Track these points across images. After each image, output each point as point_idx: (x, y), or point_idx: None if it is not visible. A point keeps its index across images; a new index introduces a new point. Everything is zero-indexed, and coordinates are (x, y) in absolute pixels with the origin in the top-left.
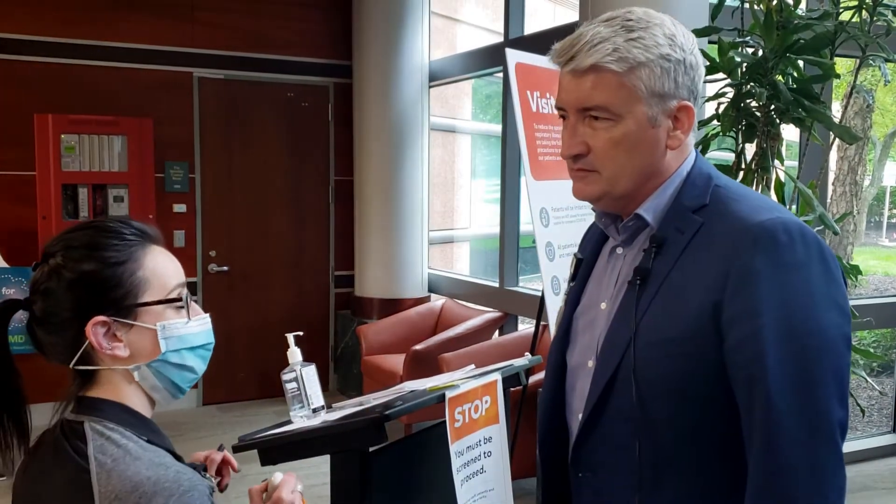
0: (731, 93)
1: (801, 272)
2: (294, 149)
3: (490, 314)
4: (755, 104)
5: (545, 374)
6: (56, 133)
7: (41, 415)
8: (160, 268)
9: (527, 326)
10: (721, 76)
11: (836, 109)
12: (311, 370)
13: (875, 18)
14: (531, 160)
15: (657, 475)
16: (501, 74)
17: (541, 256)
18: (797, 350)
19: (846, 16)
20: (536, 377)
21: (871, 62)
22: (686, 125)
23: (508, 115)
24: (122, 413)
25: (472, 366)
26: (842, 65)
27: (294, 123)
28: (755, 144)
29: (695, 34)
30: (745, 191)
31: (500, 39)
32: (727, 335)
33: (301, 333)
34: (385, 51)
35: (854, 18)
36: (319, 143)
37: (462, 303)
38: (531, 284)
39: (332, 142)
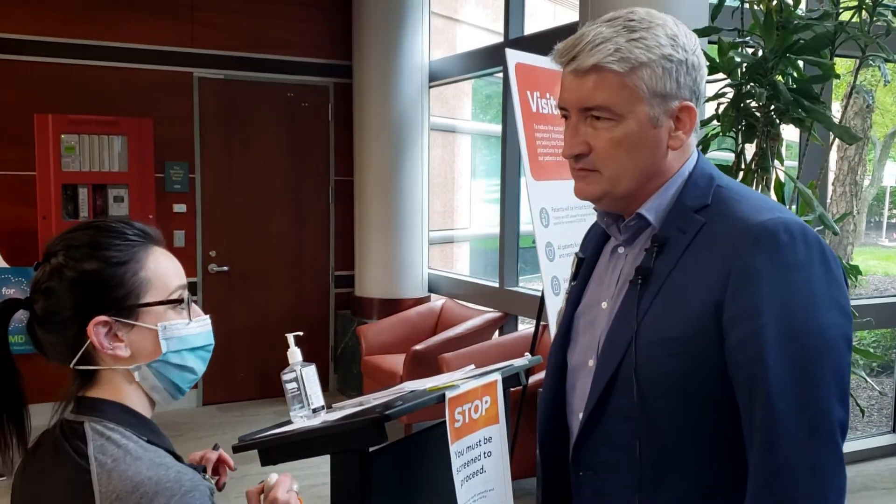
0: (731, 93)
1: (803, 272)
2: (294, 149)
3: (490, 314)
4: (755, 104)
5: (545, 374)
6: (56, 133)
7: (41, 415)
8: (162, 268)
9: (527, 327)
10: (721, 76)
11: (836, 110)
12: (311, 370)
13: (875, 19)
14: (531, 160)
15: (658, 475)
16: (501, 74)
17: (541, 257)
18: (798, 350)
19: (846, 16)
20: (536, 377)
21: (871, 62)
22: (688, 125)
23: (508, 116)
24: (123, 413)
25: (472, 366)
26: (841, 65)
27: (294, 123)
28: (755, 144)
29: (695, 34)
30: (747, 191)
31: (500, 39)
32: (728, 335)
33: (301, 333)
34: (385, 51)
35: (854, 19)
36: (319, 143)
37: (462, 303)
38: (531, 284)
39: (332, 142)
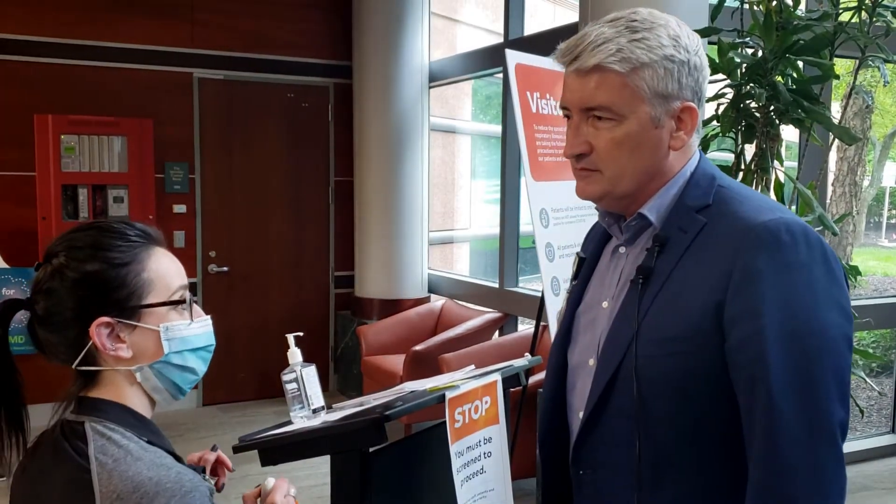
0: (731, 93)
1: (804, 272)
2: (294, 149)
3: (490, 315)
4: (755, 105)
5: (546, 373)
6: (56, 133)
7: (41, 415)
8: (163, 269)
9: (527, 327)
10: (721, 77)
11: (836, 110)
12: (312, 371)
13: (874, 19)
14: (531, 161)
15: (657, 474)
16: (501, 75)
17: (540, 257)
18: (798, 350)
19: (845, 17)
20: (536, 377)
21: (871, 63)
22: (689, 126)
23: (508, 116)
24: (123, 414)
25: (472, 366)
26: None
27: (294, 124)
28: (755, 145)
29: (697, 35)
30: (749, 192)
31: (500, 40)
32: (729, 335)
33: (301, 334)
34: (385, 51)
35: (853, 19)
36: (319, 144)
37: (462, 303)
38: (531, 285)
39: (332, 142)
